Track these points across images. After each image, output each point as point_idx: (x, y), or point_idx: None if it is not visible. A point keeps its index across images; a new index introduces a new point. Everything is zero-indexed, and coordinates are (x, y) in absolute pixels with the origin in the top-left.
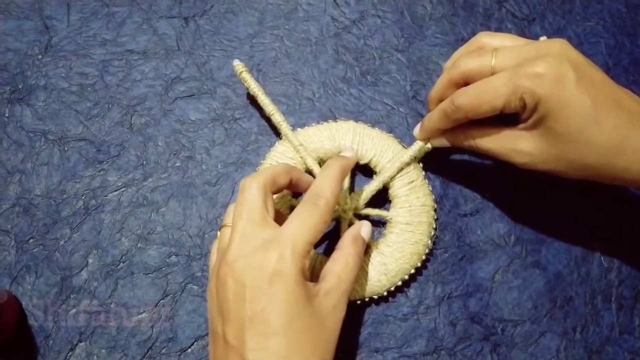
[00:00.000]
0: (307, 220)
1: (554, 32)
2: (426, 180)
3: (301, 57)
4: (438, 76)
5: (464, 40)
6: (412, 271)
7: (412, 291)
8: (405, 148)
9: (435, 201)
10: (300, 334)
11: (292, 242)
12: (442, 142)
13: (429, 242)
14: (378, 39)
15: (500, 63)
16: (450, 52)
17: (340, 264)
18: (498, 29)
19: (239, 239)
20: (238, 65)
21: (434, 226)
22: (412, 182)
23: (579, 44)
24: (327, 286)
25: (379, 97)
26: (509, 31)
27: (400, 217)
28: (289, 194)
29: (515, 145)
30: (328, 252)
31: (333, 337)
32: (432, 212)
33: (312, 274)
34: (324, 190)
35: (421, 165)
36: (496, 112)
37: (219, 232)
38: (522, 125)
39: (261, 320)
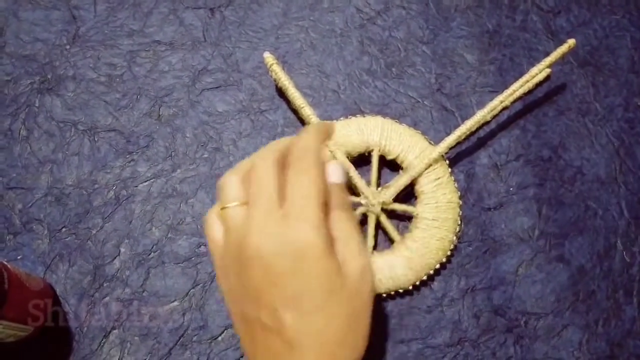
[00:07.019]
0: (305, 184)
1: (580, 25)
2: (452, 177)
3: (326, 48)
4: (463, 69)
5: (489, 33)
6: (437, 266)
7: (436, 284)
8: (431, 143)
9: (460, 195)
10: (337, 306)
11: (304, 212)
12: None
13: (454, 238)
14: (403, 30)
15: None
16: (475, 44)
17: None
18: (523, 21)
19: (258, 222)
20: (268, 57)
21: (459, 222)
22: (439, 178)
23: (604, 37)
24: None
25: (403, 90)
26: (534, 24)
27: (427, 213)
28: None
29: None
30: None
31: (368, 300)
32: (458, 209)
33: None
34: (307, 143)
35: (447, 162)
36: None
37: (219, 212)
38: None
39: (296, 302)
